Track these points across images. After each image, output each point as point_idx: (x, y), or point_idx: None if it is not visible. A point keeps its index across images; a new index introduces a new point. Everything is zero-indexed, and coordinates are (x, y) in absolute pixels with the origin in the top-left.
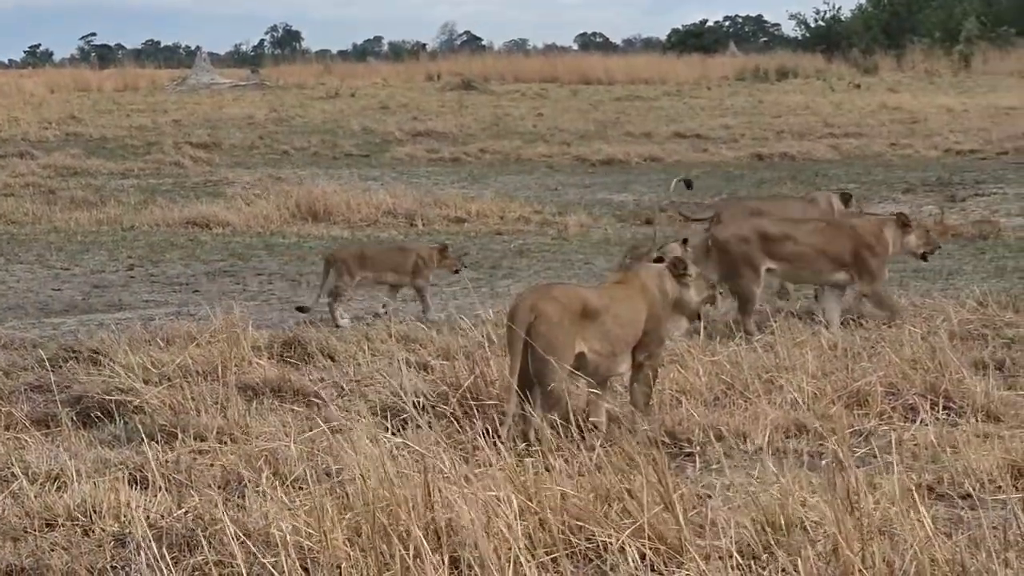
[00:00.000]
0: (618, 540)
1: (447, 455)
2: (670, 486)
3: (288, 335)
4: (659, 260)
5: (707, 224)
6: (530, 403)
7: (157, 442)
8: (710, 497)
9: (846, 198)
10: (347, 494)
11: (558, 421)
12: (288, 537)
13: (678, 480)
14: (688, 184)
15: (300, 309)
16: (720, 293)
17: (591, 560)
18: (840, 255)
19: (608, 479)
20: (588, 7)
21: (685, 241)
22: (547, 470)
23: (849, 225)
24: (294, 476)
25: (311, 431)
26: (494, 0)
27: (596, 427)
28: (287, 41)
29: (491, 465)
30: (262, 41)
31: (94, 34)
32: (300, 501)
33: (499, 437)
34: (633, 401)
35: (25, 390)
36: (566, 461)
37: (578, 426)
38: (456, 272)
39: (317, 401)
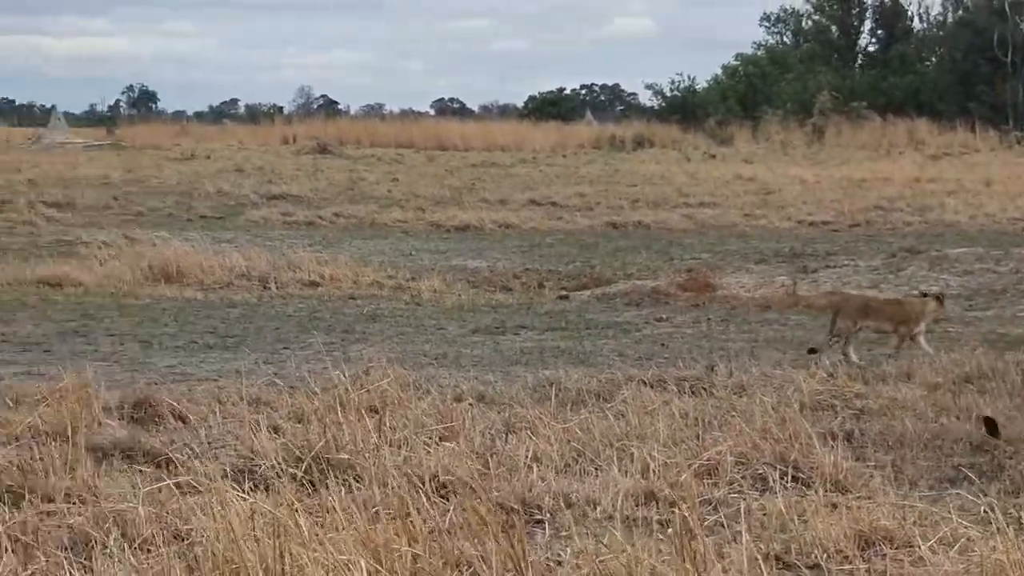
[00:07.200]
0: None
1: (299, 517)
2: (523, 552)
3: (139, 396)
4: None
5: None
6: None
7: (4, 503)
8: (560, 564)
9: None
10: (196, 556)
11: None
12: None
13: (528, 547)
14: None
15: (811, 351)
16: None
17: None
18: None
19: (460, 543)
20: (445, 73)
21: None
22: (397, 534)
23: None
24: (143, 538)
25: (161, 492)
26: (350, 65)
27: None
28: (143, 102)
29: (342, 528)
30: (117, 101)
31: None
32: (148, 563)
33: (353, 493)
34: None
35: None
36: (422, 523)
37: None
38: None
39: (168, 463)
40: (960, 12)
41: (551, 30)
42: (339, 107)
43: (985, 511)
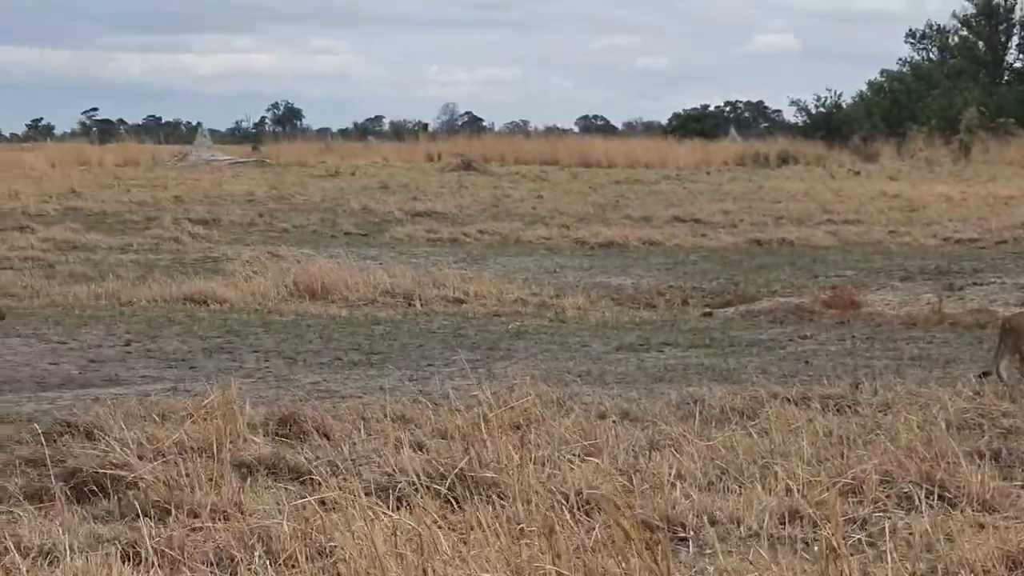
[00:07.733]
0: None
1: (442, 534)
2: (668, 569)
3: (284, 413)
4: None
5: None
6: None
7: (151, 518)
8: None
9: None
10: (339, 573)
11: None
12: None
13: (672, 564)
14: None
15: (983, 375)
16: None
17: None
18: None
19: (604, 560)
20: (588, 90)
21: None
22: (541, 551)
23: None
24: (287, 554)
25: (305, 509)
26: (494, 82)
27: None
28: (288, 119)
29: (486, 546)
30: (263, 118)
31: (96, 109)
32: None
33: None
34: None
35: (19, 464)
36: (566, 539)
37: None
38: None
39: (312, 479)
40: None
41: (694, 46)
42: (483, 124)
43: None
